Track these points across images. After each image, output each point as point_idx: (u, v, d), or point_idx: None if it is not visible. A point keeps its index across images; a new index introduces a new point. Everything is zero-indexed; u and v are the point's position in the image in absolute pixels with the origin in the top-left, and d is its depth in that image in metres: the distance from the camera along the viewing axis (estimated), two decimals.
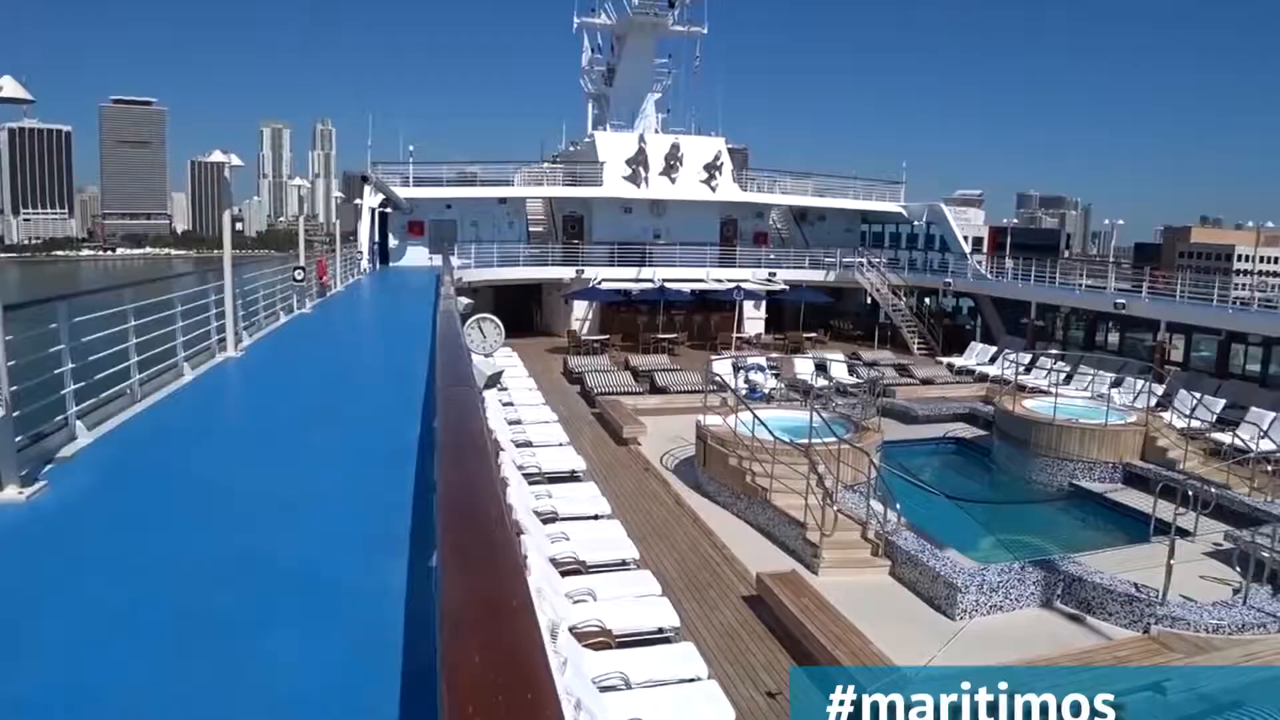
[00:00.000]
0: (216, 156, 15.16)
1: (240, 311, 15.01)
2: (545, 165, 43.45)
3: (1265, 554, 13.15)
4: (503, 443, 15.86)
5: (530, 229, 42.06)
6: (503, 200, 39.78)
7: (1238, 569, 13.62)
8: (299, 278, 21.21)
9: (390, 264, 37.72)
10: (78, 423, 8.02)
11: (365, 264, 34.35)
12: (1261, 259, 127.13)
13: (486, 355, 15.96)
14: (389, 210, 37.01)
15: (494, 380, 15.50)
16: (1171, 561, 12.29)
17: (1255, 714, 8.66)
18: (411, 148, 38.57)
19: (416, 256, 38.46)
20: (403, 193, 36.35)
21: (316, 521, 6.07)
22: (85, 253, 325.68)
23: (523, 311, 41.20)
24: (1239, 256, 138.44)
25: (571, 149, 45.90)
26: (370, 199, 35.48)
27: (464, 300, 24.65)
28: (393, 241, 38.28)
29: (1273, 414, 22.03)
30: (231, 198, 17.57)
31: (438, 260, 33.85)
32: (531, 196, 41.66)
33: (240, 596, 4.77)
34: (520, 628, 1.74)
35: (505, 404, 21.25)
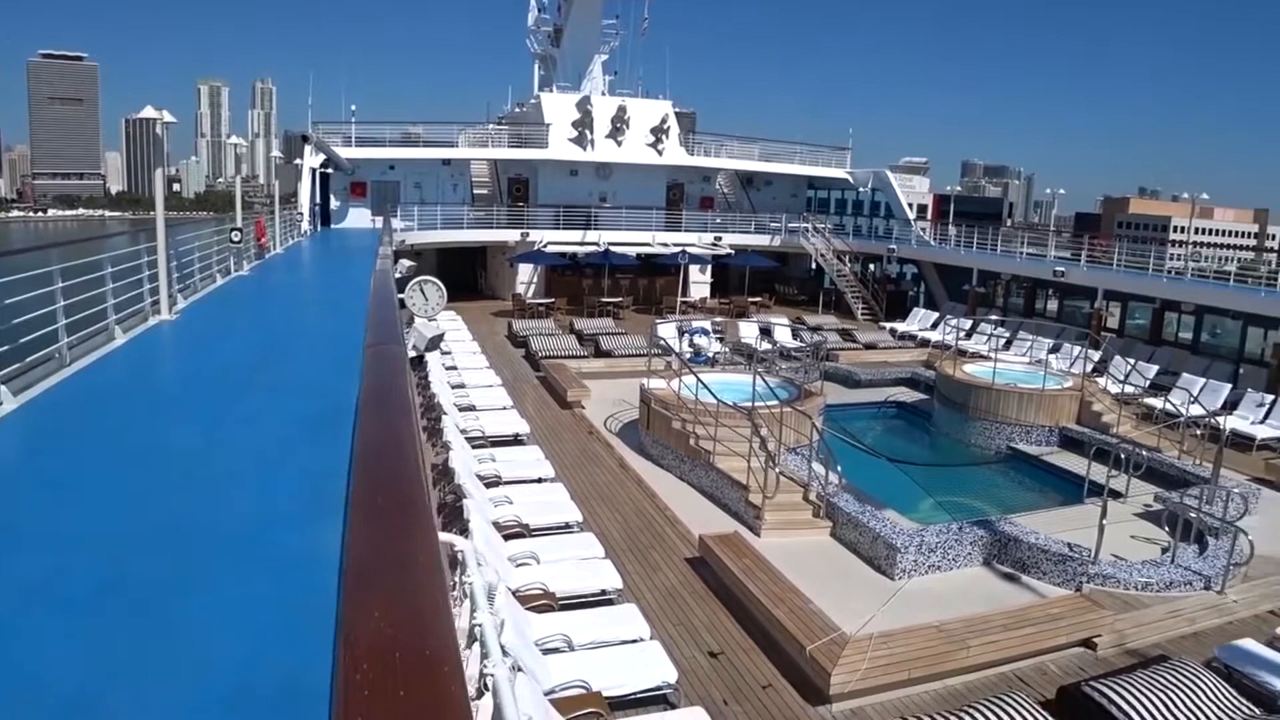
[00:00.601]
0: (148, 113, 14.71)
1: (175, 274, 14.66)
2: (490, 127, 42.80)
3: (1192, 515, 13.51)
4: (445, 406, 15.77)
5: (475, 191, 41.56)
6: (447, 162, 39.18)
7: (1166, 529, 14.00)
8: (236, 239, 20.75)
9: (331, 226, 37.05)
10: (2, 388, 7.77)
11: (305, 226, 33.68)
12: (1196, 230, 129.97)
13: (429, 318, 15.82)
14: (330, 171, 36.31)
15: (435, 342, 15.40)
16: (1104, 522, 12.57)
17: (1179, 668, 8.92)
18: (354, 107, 37.84)
19: (358, 218, 37.81)
20: (344, 153, 35.63)
21: (250, 487, 5.97)
22: (14, 214, 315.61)
23: (467, 275, 40.82)
24: (1175, 228, 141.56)
25: (517, 110, 45.33)
26: (311, 159, 34.74)
27: (406, 262, 24.30)
28: (334, 203, 37.57)
29: (1203, 380, 22.66)
30: (165, 156, 17.11)
31: (380, 222, 33.35)
32: (476, 158, 41.10)
33: (170, 564, 4.67)
34: (424, 583, 1.69)
35: (449, 368, 21.11)
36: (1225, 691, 8.76)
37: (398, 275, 20.53)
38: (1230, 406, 21.36)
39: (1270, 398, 21.21)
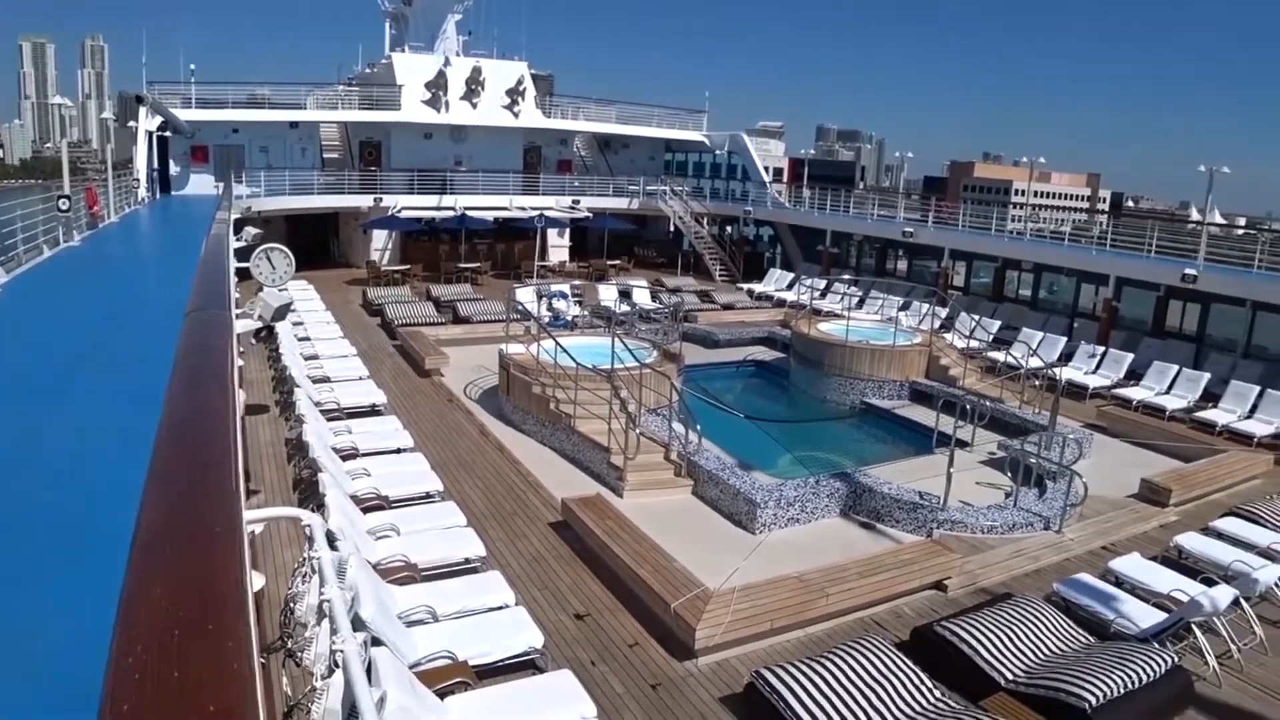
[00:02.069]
0: None
1: None
2: (340, 88, 41.22)
3: (1032, 460, 14.21)
4: (298, 378, 15.23)
5: (325, 155, 40.08)
6: (294, 124, 37.57)
7: (1009, 474, 14.68)
8: (64, 208, 19.41)
9: (172, 192, 35.12)
10: None
11: (143, 193, 31.82)
12: (1035, 193, 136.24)
13: (278, 288, 15.16)
14: (169, 134, 34.34)
15: (283, 312, 14.71)
16: (951, 470, 13.10)
17: (1022, 603, 9.37)
18: (193, 66, 35.79)
19: (201, 184, 35.93)
20: (184, 115, 33.71)
21: (81, 470, 5.55)
22: None
23: (319, 242, 39.47)
24: (1015, 190, 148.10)
25: (368, 71, 43.77)
26: (147, 122, 32.70)
27: (252, 230, 23.28)
28: (174, 168, 35.59)
29: (1041, 334, 23.85)
30: None
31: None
32: (325, 121, 39.60)
33: None
34: (216, 555, 1.54)
35: (301, 339, 20.41)
36: (1063, 622, 9.28)
37: (243, 243, 19.65)
38: (1066, 358, 22.57)
39: (1101, 349, 22.51)
